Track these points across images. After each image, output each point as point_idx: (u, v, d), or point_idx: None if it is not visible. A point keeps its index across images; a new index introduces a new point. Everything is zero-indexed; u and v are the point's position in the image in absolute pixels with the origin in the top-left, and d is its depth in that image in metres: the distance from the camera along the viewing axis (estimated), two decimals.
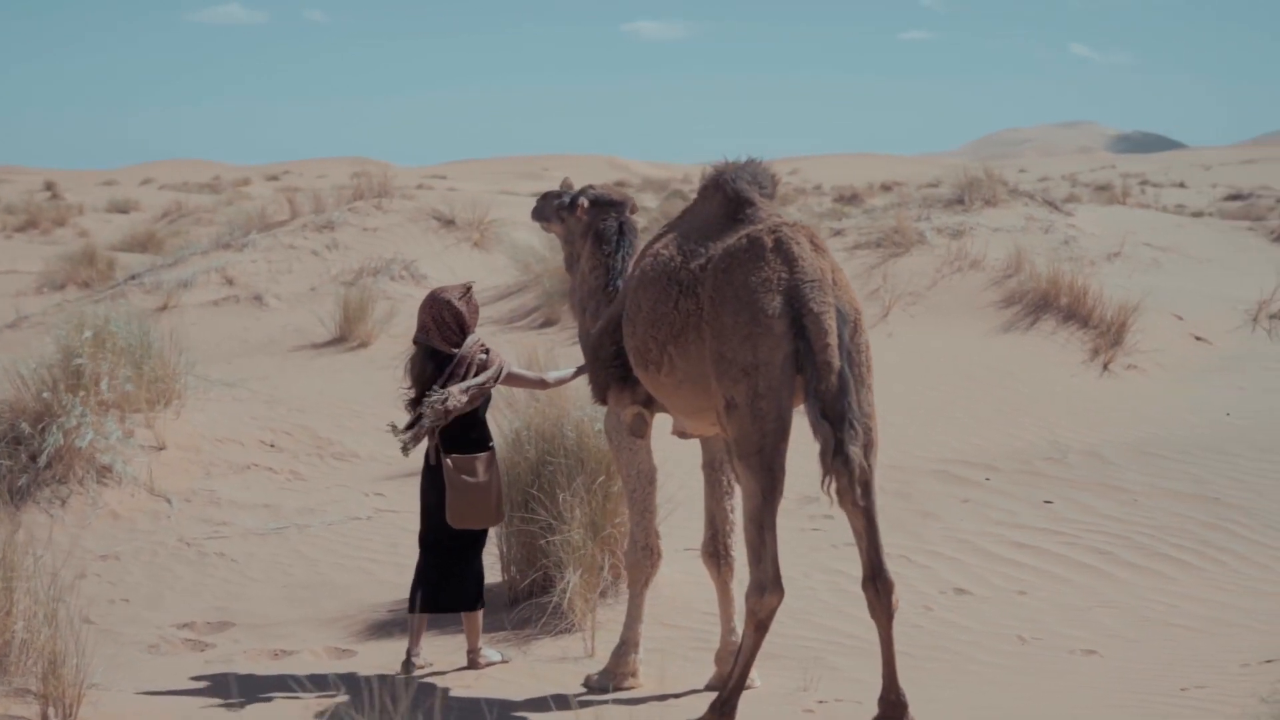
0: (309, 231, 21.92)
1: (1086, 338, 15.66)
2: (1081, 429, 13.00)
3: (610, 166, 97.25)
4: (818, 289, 6.07)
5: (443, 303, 7.54)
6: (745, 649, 6.16)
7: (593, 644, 7.81)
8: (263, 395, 13.75)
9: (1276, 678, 6.77)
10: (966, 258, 17.74)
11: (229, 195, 58.25)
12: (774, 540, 6.08)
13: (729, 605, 7.18)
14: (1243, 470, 11.72)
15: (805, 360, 5.96)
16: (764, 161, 6.80)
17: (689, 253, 6.52)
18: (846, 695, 6.89)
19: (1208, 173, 78.74)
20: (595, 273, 7.67)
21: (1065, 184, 65.33)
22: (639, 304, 6.65)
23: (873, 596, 6.29)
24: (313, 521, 10.88)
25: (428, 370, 7.49)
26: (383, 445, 12.87)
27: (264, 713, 6.70)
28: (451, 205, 22.33)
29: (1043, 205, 23.18)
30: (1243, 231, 23.47)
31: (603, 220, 7.73)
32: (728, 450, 6.25)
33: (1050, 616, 8.62)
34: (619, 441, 7.17)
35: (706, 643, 7.96)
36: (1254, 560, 9.79)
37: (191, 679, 7.37)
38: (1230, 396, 14.44)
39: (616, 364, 7.05)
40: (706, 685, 7.18)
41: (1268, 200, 53.44)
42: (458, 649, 7.90)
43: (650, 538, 7.18)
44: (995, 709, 6.65)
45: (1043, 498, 10.98)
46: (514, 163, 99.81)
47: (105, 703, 6.18)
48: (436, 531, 7.55)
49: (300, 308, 19.09)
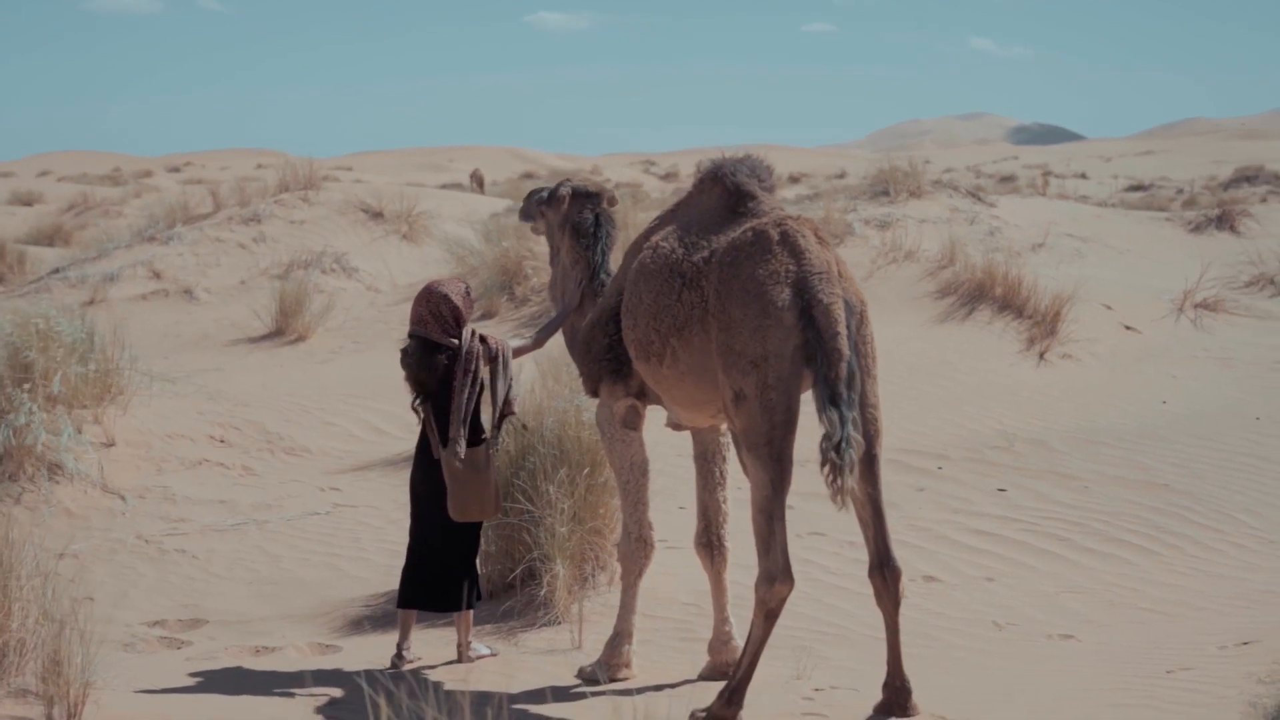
0: (235, 224, 21.69)
1: (1022, 328, 15.89)
2: (1025, 417, 13.21)
3: (516, 158, 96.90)
4: (825, 280, 6.15)
5: (440, 296, 7.52)
6: (754, 639, 6.22)
7: (580, 636, 7.84)
8: (207, 390, 13.62)
9: (1257, 659, 6.94)
10: (901, 249, 17.94)
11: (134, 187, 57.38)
12: (783, 530, 6.15)
13: (722, 595, 7.24)
14: (1184, 457, 11.98)
15: (815, 350, 6.03)
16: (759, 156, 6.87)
17: (691, 245, 6.57)
18: (841, 683, 6.98)
19: (1108, 164, 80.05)
20: (577, 267, 7.72)
21: (970, 175, 66.17)
22: (639, 296, 6.69)
23: (880, 584, 6.38)
24: (271, 517, 10.80)
25: (438, 364, 7.45)
26: (334, 440, 12.83)
27: (269, 709, 6.66)
28: (379, 198, 22.19)
29: (966, 197, 23.49)
30: (1160, 222, 23.90)
31: (579, 212, 7.76)
32: (735, 442, 6.30)
33: (1020, 602, 8.77)
34: (611, 433, 7.21)
35: (691, 633, 8.03)
36: (1206, 544, 10.02)
37: (183, 677, 7.31)
38: (1164, 384, 14.74)
39: (609, 357, 7.08)
40: (700, 675, 7.23)
41: (1168, 191, 54.46)
42: (445, 643, 7.90)
43: (643, 529, 7.23)
44: (987, 694, 6.76)
45: (995, 486, 11.16)
46: (419, 154, 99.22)
47: (107, 703, 6.12)
48: (429, 528, 7.52)
49: (232, 301, 18.92)
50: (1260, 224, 23.18)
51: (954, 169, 73.95)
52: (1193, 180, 61.63)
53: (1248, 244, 21.46)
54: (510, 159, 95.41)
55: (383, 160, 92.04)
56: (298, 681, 7.19)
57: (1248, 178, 55.32)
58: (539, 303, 16.76)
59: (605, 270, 7.66)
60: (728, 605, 7.23)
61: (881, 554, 6.36)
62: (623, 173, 78.71)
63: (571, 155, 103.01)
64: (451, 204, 25.42)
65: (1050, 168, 74.74)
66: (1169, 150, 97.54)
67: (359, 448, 12.61)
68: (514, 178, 67.08)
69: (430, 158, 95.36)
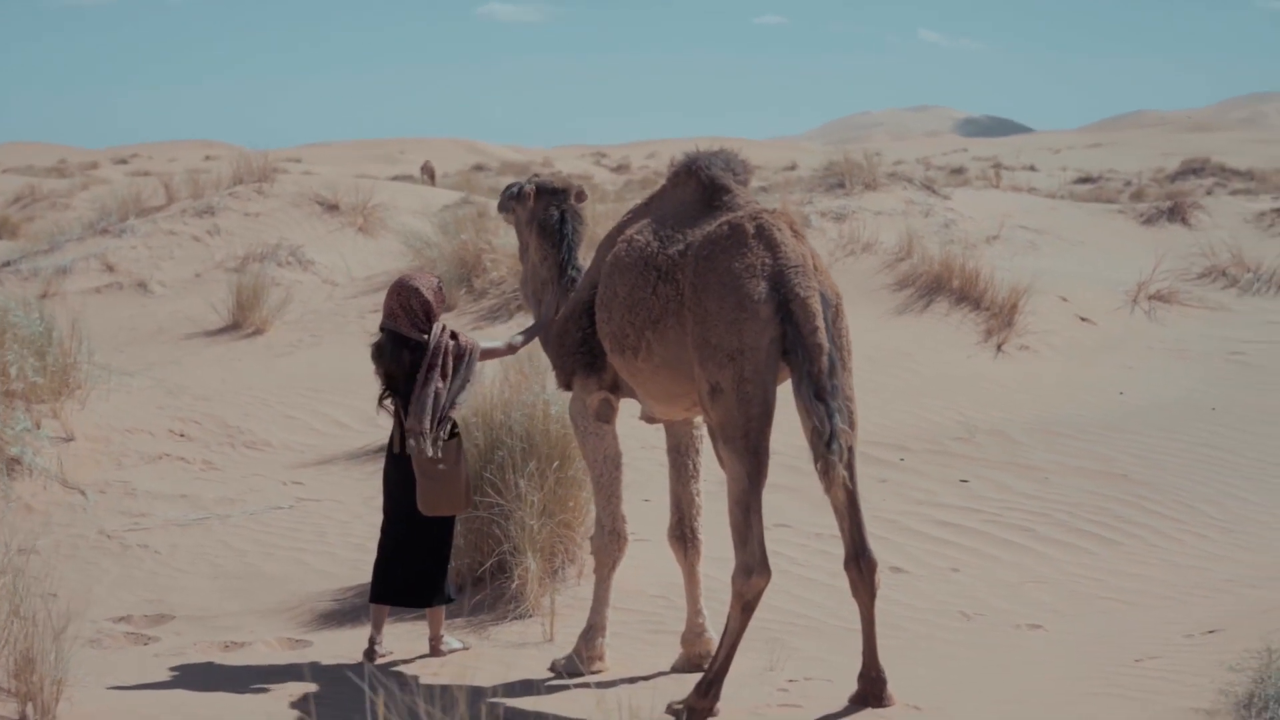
0: (189, 217, 21.53)
1: (979, 320, 15.98)
2: (985, 409, 13.29)
3: (467, 150, 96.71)
4: (802, 274, 6.17)
5: (411, 290, 7.49)
6: (731, 631, 6.24)
7: (551, 629, 7.84)
8: (166, 385, 13.53)
9: (1224, 647, 7.01)
10: (859, 241, 18.00)
11: (82, 180, 56.89)
12: (760, 523, 6.17)
13: (695, 587, 7.26)
14: (1143, 447, 12.09)
15: (795, 344, 6.06)
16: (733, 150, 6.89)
17: (666, 239, 6.58)
18: (815, 674, 7.01)
19: (1057, 156, 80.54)
20: (545, 264, 7.74)
21: (920, 168, 66.45)
22: (614, 290, 6.69)
23: (855, 575, 6.42)
24: (234, 512, 10.75)
25: (404, 358, 7.42)
26: (295, 433, 12.77)
27: (243, 705, 6.63)
28: (335, 190, 22.08)
29: (921, 189, 23.61)
30: (1112, 214, 24.07)
31: (546, 209, 7.77)
32: (712, 435, 6.32)
33: (986, 593, 8.83)
34: (584, 427, 7.21)
35: (661, 625, 8.04)
36: (1167, 534, 10.12)
37: (154, 673, 7.26)
38: (1120, 376, 14.86)
39: (582, 350, 7.08)
40: (673, 667, 7.25)
41: (1116, 183, 54.88)
42: (416, 637, 7.88)
43: (617, 522, 7.23)
44: (958, 684, 6.81)
45: (957, 477, 11.23)
46: (370, 146, 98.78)
47: (80, 700, 6.08)
48: (400, 522, 7.49)
49: (187, 295, 18.78)
50: (1211, 216, 23.39)
51: (904, 161, 74.22)
52: (1140, 172, 62.16)
53: (1199, 236, 21.65)
54: (461, 151, 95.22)
55: (333, 152, 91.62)
56: (270, 677, 7.17)
57: (1194, 170, 55.82)
58: (498, 295, 16.73)
59: (574, 266, 7.67)
60: (701, 598, 7.25)
61: (857, 546, 6.40)
62: (574, 165, 78.60)
63: (523, 147, 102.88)
64: (407, 196, 25.31)
65: (1000, 160, 75.12)
66: (1117, 143, 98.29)
67: (321, 441, 12.56)
68: (465, 170, 66.89)
69: (381, 149, 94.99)
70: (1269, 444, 12.48)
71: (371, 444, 12.36)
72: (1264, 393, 14.30)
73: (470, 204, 27.27)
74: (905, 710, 6.28)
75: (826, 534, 9.65)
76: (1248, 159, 75.34)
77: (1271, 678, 5.71)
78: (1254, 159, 75.89)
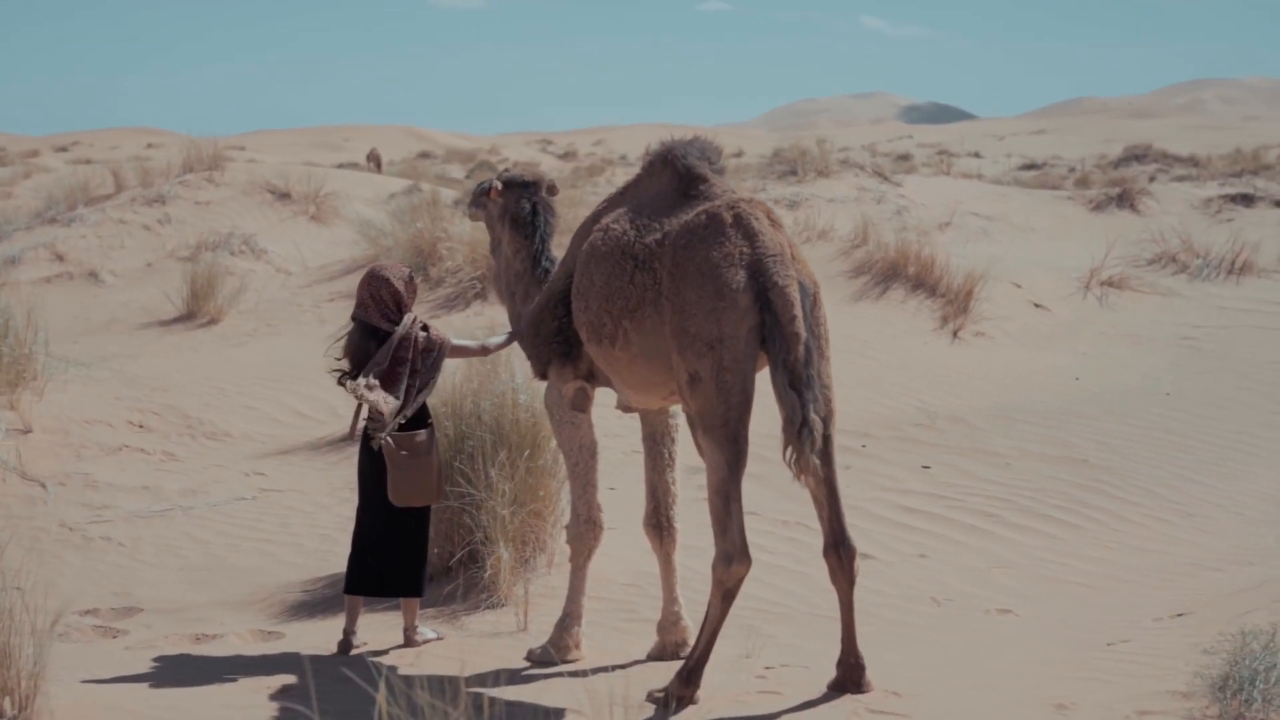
0: (139, 205, 21.36)
1: (935, 306, 16.08)
2: (943, 395, 13.37)
3: (412, 137, 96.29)
4: (780, 263, 6.19)
5: (381, 280, 7.46)
6: (711, 618, 6.26)
7: (525, 618, 7.84)
8: (123, 375, 13.43)
9: (1194, 630, 7.10)
10: (814, 229, 18.06)
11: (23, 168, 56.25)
12: (740, 511, 6.19)
13: (671, 575, 7.27)
14: (1100, 433, 12.20)
15: (772, 332, 6.08)
16: (708, 138, 6.91)
17: (642, 227, 6.58)
18: (791, 660, 7.04)
19: (1001, 143, 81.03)
20: (519, 256, 7.72)
21: (866, 154, 66.67)
22: (591, 279, 6.68)
23: (835, 563, 6.45)
24: (197, 503, 10.68)
25: (370, 348, 7.40)
26: (255, 424, 12.70)
27: (220, 697, 6.59)
28: (286, 178, 21.95)
29: (873, 176, 23.73)
30: (1062, 201, 24.25)
31: (517, 202, 7.77)
32: (691, 423, 6.33)
33: (954, 578, 8.90)
34: (560, 416, 7.21)
35: (634, 613, 8.06)
36: (1129, 519, 10.23)
37: (126, 666, 7.20)
38: (1075, 362, 14.99)
39: (558, 340, 7.07)
40: (648, 655, 7.26)
41: (1060, 169, 55.28)
42: (389, 627, 7.87)
43: (593, 511, 7.24)
44: (933, 669, 6.86)
45: (919, 463, 11.29)
46: (314, 133, 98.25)
47: (55, 694, 6.02)
48: (375, 512, 7.46)
49: (139, 284, 18.63)
50: (1159, 203, 23.61)
51: (850, 148, 74.46)
52: (1084, 159, 62.63)
53: (1148, 222, 21.87)
54: (406, 138, 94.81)
55: (277, 139, 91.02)
56: (245, 669, 7.13)
57: (1137, 156, 56.26)
58: (454, 284, 16.68)
59: (547, 257, 7.67)
60: (676, 586, 7.27)
61: (836, 533, 6.43)
62: (520, 152, 78.43)
63: (468, 134, 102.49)
64: (358, 184, 25.22)
65: (945, 147, 75.50)
66: (1060, 129, 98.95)
67: (281, 432, 12.50)
68: (411, 157, 66.64)
69: (325, 137, 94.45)
70: (1223, 429, 12.63)
71: (333, 434, 12.31)
72: (1217, 378, 14.46)
73: (420, 191, 27.20)
74: (884, 696, 6.32)
75: (793, 521, 9.71)
76: (1188, 145, 76.02)
77: (1246, 660, 5.78)
78: (1195, 145, 76.58)
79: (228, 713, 6.25)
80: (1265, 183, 26.19)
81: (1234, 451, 11.97)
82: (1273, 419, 13.06)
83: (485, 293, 16.18)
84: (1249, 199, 23.74)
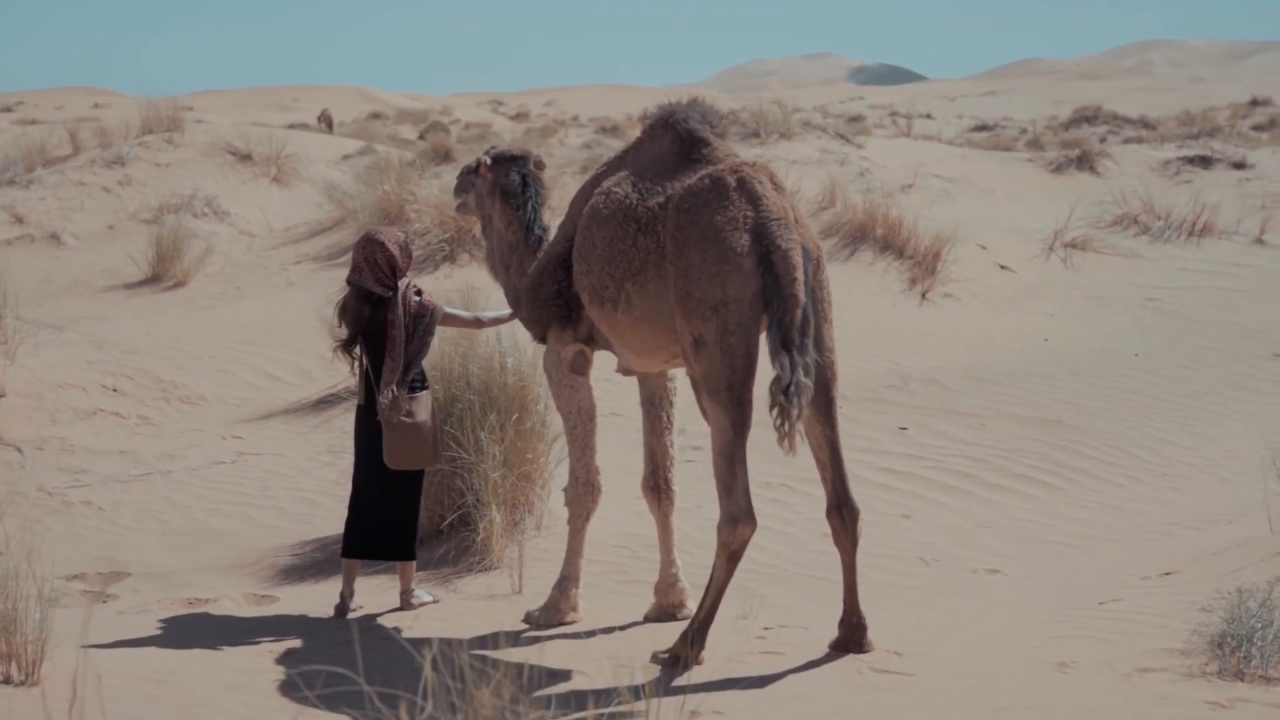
0: (98, 167, 21.13)
1: (903, 268, 16.16)
2: (915, 356, 13.46)
3: (362, 98, 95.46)
4: (783, 226, 6.23)
5: (376, 244, 7.44)
6: (716, 580, 6.31)
7: (520, 580, 7.87)
8: (93, 339, 13.34)
9: (1183, 589, 7.21)
10: None
11: None
12: (745, 473, 6.24)
13: (669, 538, 7.31)
14: (1071, 394, 12.33)
15: (772, 294, 6.11)
16: (709, 101, 6.93)
17: (645, 191, 6.59)
18: (789, 621, 7.10)
19: (952, 104, 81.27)
20: (511, 228, 7.75)
21: (818, 116, 66.75)
22: (593, 242, 6.69)
23: (838, 524, 6.50)
24: (175, 467, 10.64)
25: (364, 312, 7.38)
26: (229, 388, 12.66)
27: (225, 660, 6.59)
28: (247, 139, 21.78)
29: (835, 138, 23.78)
30: (1022, 163, 24.38)
31: (506, 176, 7.80)
32: (695, 387, 6.37)
33: (939, 538, 8.99)
34: (559, 379, 7.22)
35: (626, 575, 8.11)
36: (1104, 479, 10.35)
37: (124, 631, 7.18)
38: (1043, 323, 15.11)
39: (558, 303, 7.08)
40: (646, 617, 7.30)
41: (1011, 131, 55.52)
42: (382, 590, 7.89)
43: (591, 474, 7.27)
44: (929, 629, 6.93)
45: (896, 424, 11.38)
46: (263, 94, 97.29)
47: (61, 660, 6.01)
48: (370, 476, 7.45)
49: (102, 247, 18.47)
50: (1118, 165, 23.77)
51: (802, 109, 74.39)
52: (1035, 120, 62.92)
53: (1108, 184, 22.00)
54: (356, 99, 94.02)
55: (225, 100, 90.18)
56: (244, 633, 7.14)
57: (1087, 118, 56.63)
58: (423, 247, 16.61)
59: (540, 225, 7.70)
60: (674, 548, 7.31)
61: (840, 495, 6.49)
62: (472, 113, 78.00)
63: (419, 95, 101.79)
64: (318, 146, 25.04)
65: (896, 108, 75.63)
66: (1010, 91, 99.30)
67: (256, 395, 12.46)
68: (362, 118, 66.10)
69: (274, 97, 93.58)
70: (1191, 389, 12.78)
71: (308, 398, 12.30)
72: (1181, 338, 14.63)
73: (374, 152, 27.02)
74: (886, 656, 6.39)
75: (776, 483, 9.77)
76: (1138, 107, 76.48)
77: (1243, 618, 5.88)
78: (1144, 107, 77.06)
79: (235, 676, 6.26)
80: (1222, 145, 26.39)
81: (1203, 412, 12.12)
82: (1238, 379, 13.23)
83: (454, 255, 16.14)
84: (1206, 161, 23.93)
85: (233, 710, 5.67)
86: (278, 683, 6.20)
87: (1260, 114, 60.20)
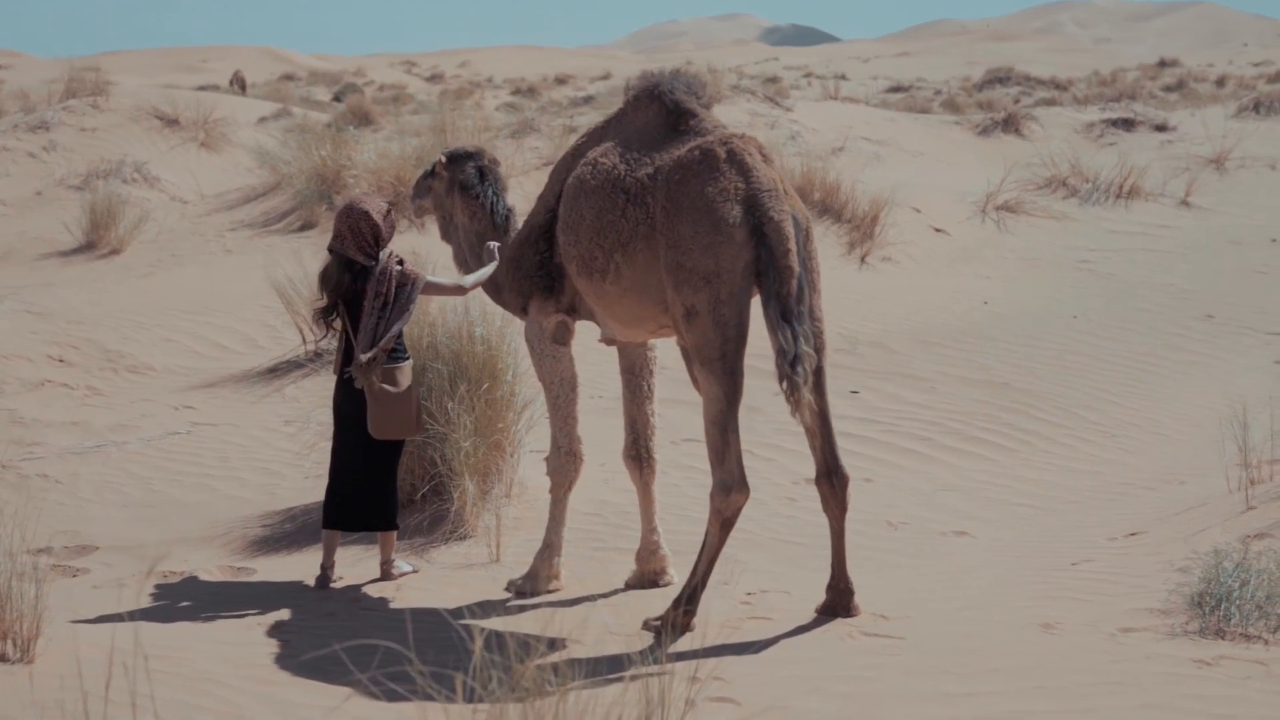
0: (21, 132, 20.82)
1: (842, 232, 16.30)
2: (859, 320, 13.59)
3: (273, 59, 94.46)
4: (774, 198, 6.29)
5: (360, 213, 7.41)
6: (709, 547, 6.39)
7: (497, 549, 7.90)
8: (35, 308, 13.18)
9: (1152, 549, 7.39)
10: None
11: None
12: (737, 441, 6.32)
13: (650, 505, 7.38)
14: (1017, 356, 12.52)
15: (766, 267, 6.19)
16: (692, 71, 6.97)
17: (633, 162, 6.63)
18: (770, 586, 7.20)
19: (866, 65, 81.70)
20: (476, 218, 7.82)
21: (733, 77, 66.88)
22: (580, 213, 6.72)
23: (828, 491, 6.60)
24: (130, 438, 10.57)
25: (345, 281, 7.36)
26: (177, 357, 12.57)
27: (211, 633, 6.57)
28: (174, 104, 21.53)
29: (764, 101, 23.86)
30: (950, 125, 24.61)
31: (462, 171, 7.87)
32: (687, 357, 6.43)
33: (904, 501, 9.12)
34: (541, 349, 7.26)
35: (601, 543, 8.16)
36: (1056, 440, 10.54)
37: (105, 606, 7.12)
38: (981, 285, 15.31)
39: (540, 274, 7.12)
40: (627, 584, 7.37)
41: (926, 92, 55.95)
42: (359, 560, 7.89)
43: (573, 443, 7.32)
44: (911, 592, 7.05)
45: (848, 388, 11.51)
46: (171, 54, 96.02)
47: (56, 637, 5.98)
48: (352, 447, 7.44)
49: (31, 214, 18.22)
50: (1044, 127, 24.04)
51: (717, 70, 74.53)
52: (948, 81, 63.41)
53: (1035, 147, 22.26)
54: (267, 59, 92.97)
55: (132, 60, 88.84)
56: (226, 605, 7.12)
57: (1000, 79, 57.19)
58: None
59: (504, 205, 7.76)
60: (656, 515, 7.38)
61: (830, 462, 6.59)
62: (386, 74, 77.43)
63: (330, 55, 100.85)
64: (240, 109, 24.81)
65: (811, 69, 75.91)
66: (923, 52, 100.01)
67: (204, 364, 12.38)
68: (274, 80, 65.40)
69: (182, 58, 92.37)
70: (1130, 349, 13.02)
71: (256, 367, 12.24)
72: (1116, 299, 14.88)
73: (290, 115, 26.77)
74: (873, 619, 6.50)
75: (746, 450, 9.83)
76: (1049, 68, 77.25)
77: (1221, 578, 6.04)
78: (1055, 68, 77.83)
79: (231, 650, 6.25)
80: (1143, 107, 26.75)
81: (1143, 373, 12.35)
82: (1174, 340, 13.48)
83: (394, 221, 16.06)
84: (1129, 124, 24.25)
85: (240, 686, 5.68)
86: (273, 655, 6.21)
87: (1169, 75, 61.12)
